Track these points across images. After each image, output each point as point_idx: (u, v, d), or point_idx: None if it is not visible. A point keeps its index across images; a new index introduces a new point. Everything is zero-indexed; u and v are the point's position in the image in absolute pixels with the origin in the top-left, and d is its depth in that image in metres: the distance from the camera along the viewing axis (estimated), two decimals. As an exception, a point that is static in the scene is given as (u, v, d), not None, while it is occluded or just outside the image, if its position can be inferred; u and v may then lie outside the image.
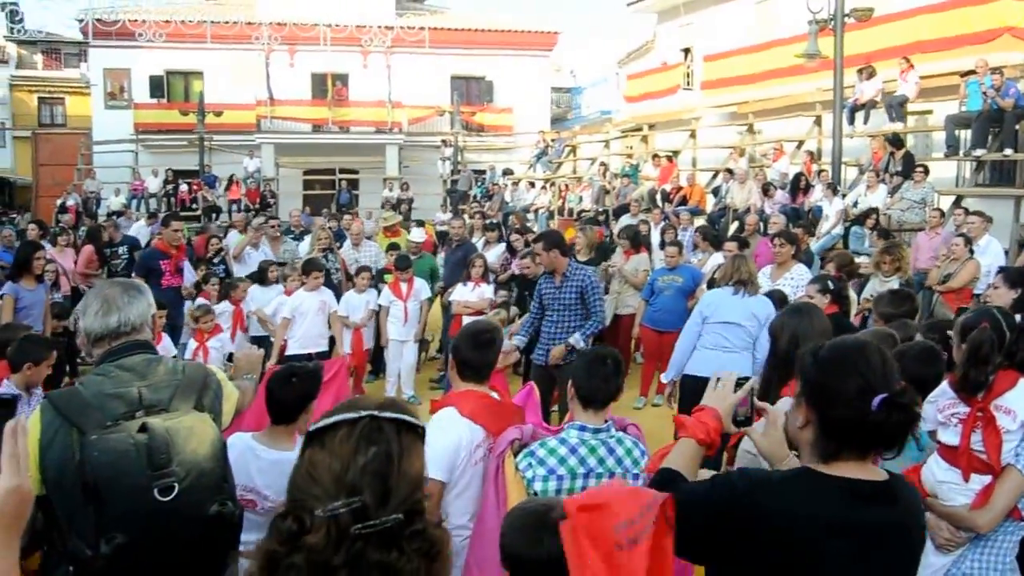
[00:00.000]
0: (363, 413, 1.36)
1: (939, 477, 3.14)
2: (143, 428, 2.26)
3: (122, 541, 2.15)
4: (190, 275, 8.78)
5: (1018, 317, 3.26)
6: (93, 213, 19.53)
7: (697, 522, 1.97)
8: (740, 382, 2.35)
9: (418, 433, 1.41)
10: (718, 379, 2.41)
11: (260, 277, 8.69)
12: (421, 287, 8.99)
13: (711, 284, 7.97)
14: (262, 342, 7.71)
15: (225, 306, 8.31)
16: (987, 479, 3.05)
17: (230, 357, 7.36)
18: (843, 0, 12.24)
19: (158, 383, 2.39)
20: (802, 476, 1.94)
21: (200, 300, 8.33)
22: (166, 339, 7.06)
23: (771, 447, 2.30)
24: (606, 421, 3.18)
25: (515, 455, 3.16)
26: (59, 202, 20.79)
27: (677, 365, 6.22)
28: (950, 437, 3.12)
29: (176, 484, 2.23)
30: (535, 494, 3.03)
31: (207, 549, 2.33)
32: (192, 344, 7.59)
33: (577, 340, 6.29)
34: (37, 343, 4.07)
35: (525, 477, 3.07)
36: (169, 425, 2.30)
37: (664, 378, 6.73)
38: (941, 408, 3.20)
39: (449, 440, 3.19)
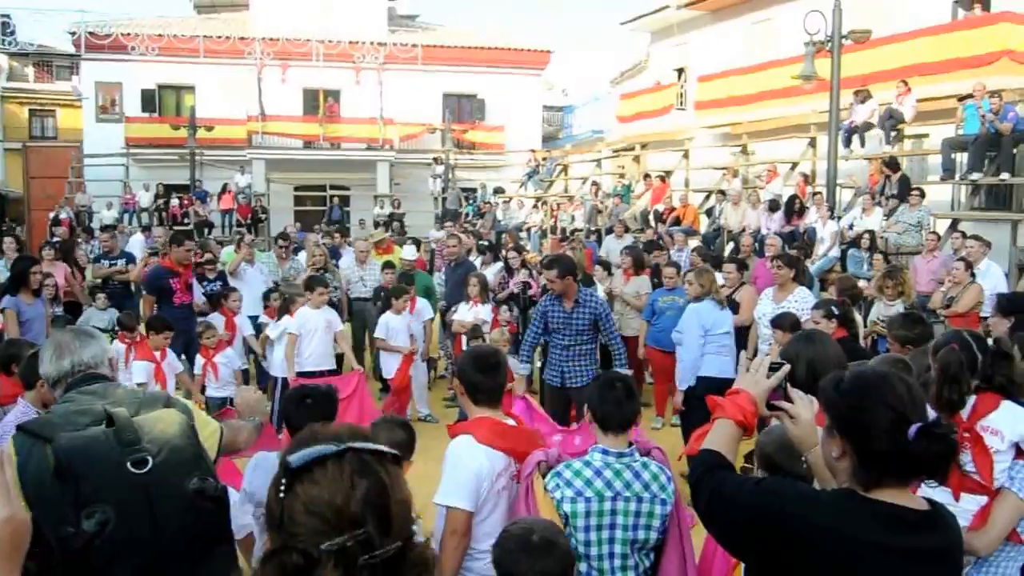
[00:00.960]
0: (343, 446, 1.38)
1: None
2: (109, 422, 2.33)
3: (103, 518, 2.17)
4: (199, 292, 8.68)
5: (989, 341, 3.37)
6: (87, 227, 19.42)
7: (739, 519, 2.03)
8: (773, 367, 2.33)
9: (396, 461, 1.44)
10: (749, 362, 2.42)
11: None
12: (424, 306, 8.97)
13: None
14: None
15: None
16: (979, 499, 3.09)
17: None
18: (840, 21, 12.31)
19: (119, 400, 2.48)
20: (848, 498, 1.95)
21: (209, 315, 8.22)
22: (170, 354, 6.98)
23: (801, 433, 2.31)
24: (630, 444, 3.18)
25: (543, 476, 3.17)
26: (52, 215, 20.66)
27: (689, 374, 6.77)
28: None
29: (149, 458, 2.28)
30: (565, 515, 3.05)
31: (193, 531, 2.34)
32: (199, 360, 7.50)
33: (523, 369, 6.43)
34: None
35: (554, 497, 3.07)
36: (135, 419, 2.38)
37: (681, 386, 6.98)
38: None
39: (470, 469, 3.14)
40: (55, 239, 15.08)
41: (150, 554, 2.25)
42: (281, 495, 1.36)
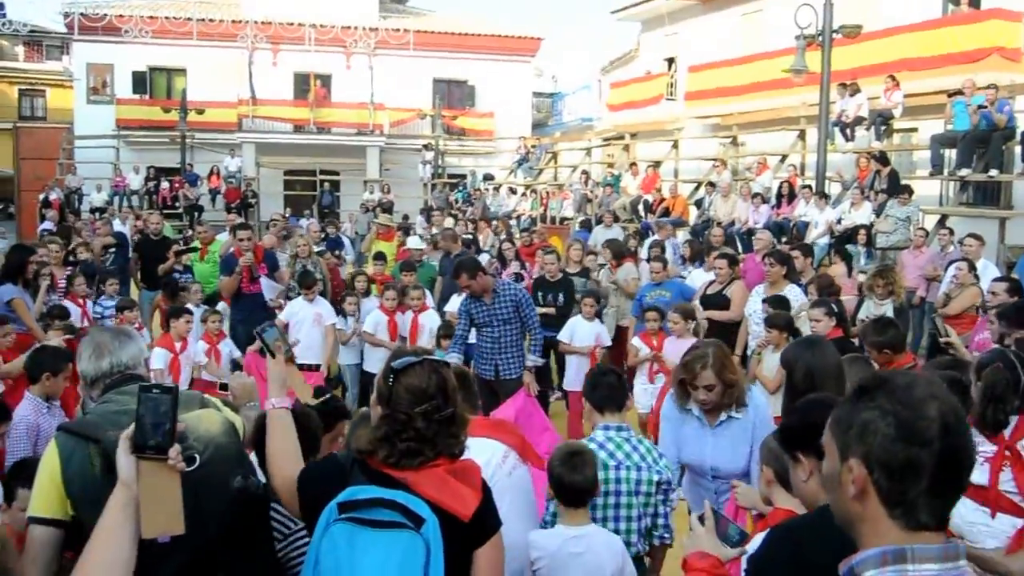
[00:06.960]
0: (421, 358, 2.36)
1: (968, 518, 3.12)
2: None
3: None
4: (268, 288, 8.67)
5: None
6: (76, 209, 19.26)
7: None
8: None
9: (448, 365, 2.44)
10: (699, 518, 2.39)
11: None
12: (425, 296, 8.95)
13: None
14: None
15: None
16: (1016, 521, 3.05)
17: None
18: (831, 16, 12.34)
19: None
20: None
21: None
22: (191, 346, 7.09)
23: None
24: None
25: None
26: (42, 197, 20.52)
27: None
28: (976, 476, 3.10)
29: (197, 456, 2.29)
30: None
31: (236, 528, 2.40)
32: (203, 345, 7.52)
33: (535, 360, 6.83)
34: (53, 354, 4.02)
35: None
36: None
37: None
38: None
39: (478, 461, 3.23)
40: (46, 223, 15.03)
41: (195, 551, 2.29)
42: (389, 383, 2.33)
